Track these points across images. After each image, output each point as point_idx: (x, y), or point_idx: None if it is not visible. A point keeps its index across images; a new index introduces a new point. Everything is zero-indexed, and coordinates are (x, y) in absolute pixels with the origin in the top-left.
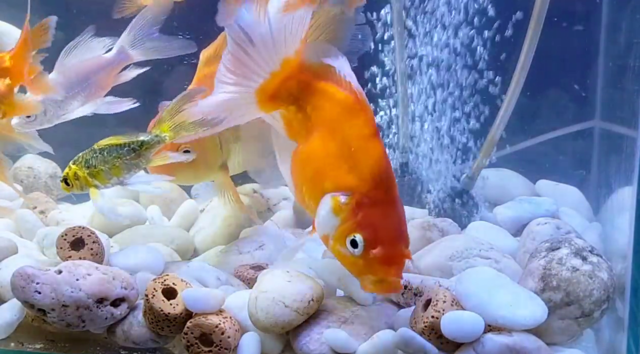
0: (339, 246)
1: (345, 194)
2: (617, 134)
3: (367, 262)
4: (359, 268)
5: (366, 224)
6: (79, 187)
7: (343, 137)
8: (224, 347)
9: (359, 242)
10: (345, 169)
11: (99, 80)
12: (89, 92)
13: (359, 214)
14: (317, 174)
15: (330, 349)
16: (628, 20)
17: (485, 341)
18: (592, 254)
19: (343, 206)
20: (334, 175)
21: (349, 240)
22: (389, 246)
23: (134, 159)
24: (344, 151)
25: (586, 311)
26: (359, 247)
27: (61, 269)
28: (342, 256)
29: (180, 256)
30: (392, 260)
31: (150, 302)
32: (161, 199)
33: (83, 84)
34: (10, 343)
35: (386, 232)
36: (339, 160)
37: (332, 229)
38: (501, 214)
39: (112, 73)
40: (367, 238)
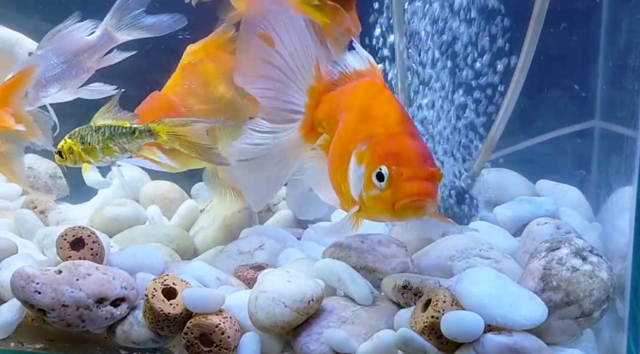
0: (370, 191)
1: (365, 144)
2: (617, 134)
3: (396, 187)
4: (390, 199)
5: (386, 154)
6: (72, 161)
7: (358, 107)
8: (224, 347)
9: (384, 172)
10: (363, 128)
11: (82, 63)
12: (70, 74)
13: (376, 149)
14: (345, 150)
15: (330, 349)
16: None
17: (485, 341)
18: (592, 254)
19: (364, 152)
20: (355, 139)
21: (375, 177)
22: (413, 165)
23: (125, 144)
24: (361, 117)
25: (586, 311)
26: (385, 178)
27: (61, 269)
28: (377, 202)
29: (180, 256)
30: (419, 176)
31: (150, 302)
32: (161, 199)
33: (64, 65)
34: (10, 343)
35: (407, 155)
36: (358, 126)
37: (360, 179)
38: (501, 214)
39: (96, 56)
40: (389, 164)
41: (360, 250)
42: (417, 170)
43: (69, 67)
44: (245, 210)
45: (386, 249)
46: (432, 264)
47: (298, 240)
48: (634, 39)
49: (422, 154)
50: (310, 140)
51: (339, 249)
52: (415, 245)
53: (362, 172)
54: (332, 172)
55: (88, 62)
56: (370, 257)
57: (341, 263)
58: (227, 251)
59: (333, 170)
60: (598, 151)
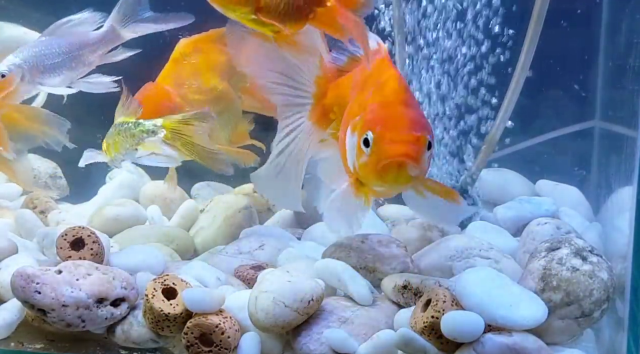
0: (361, 158)
1: (359, 115)
2: (617, 134)
3: (378, 150)
4: (374, 163)
5: (373, 120)
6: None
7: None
8: (224, 347)
9: (369, 137)
10: (362, 101)
11: (83, 56)
12: (70, 65)
13: (367, 117)
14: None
15: (330, 349)
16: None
17: (485, 341)
18: (592, 254)
19: (357, 121)
20: (356, 113)
21: (362, 143)
22: (396, 129)
23: (129, 138)
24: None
25: (586, 311)
26: (370, 142)
27: (61, 269)
28: (365, 168)
29: (180, 256)
30: (401, 140)
31: (150, 302)
32: (161, 199)
33: (65, 56)
34: (10, 343)
35: (392, 120)
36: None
37: (353, 148)
38: (501, 214)
39: (99, 51)
40: (374, 129)
41: (360, 250)
42: (399, 133)
43: (70, 58)
44: (245, 210)
45: (386, 249)
46: (432, 264)
47: (298, 240)
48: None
49: (408, 120)
50: (321, 127)
51: (339, 249)
52: (415, 245)
53: (354, 142)
54: (342, 151)
55: (90, 56)
56: (370, 257)
57: (341, 263)
58: (227, 251)
59: (343, 149)
60: (598, 151)
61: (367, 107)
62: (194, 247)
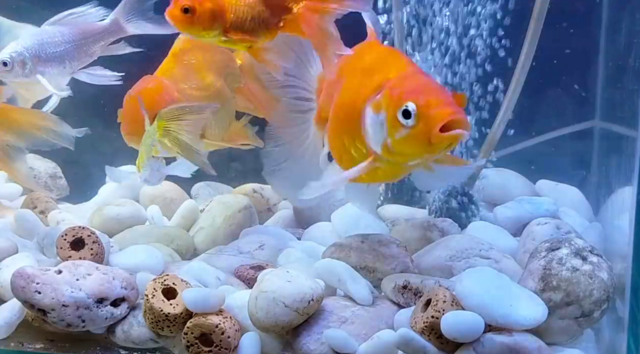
0: (397, 133)
1: (379, 93)
2: (617, 134)
3: (428, 117)
4: (423, 133)
5: (408, 91)
6: None
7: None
8: (224, 347)
9: (411, 108)
10: (371, 82)
11: (86, 47)
12: (72, 55)
13: (395, 91)
14: (350, 111)
15: (330, 349)
16: (628, 20)
17: (485, 341)
18: (592, 254)
19: (380, 99)
20: (364, 94)
21: (400, 115)
22: (438, 95)
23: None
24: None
25: (586, 311)
26: (412, 113)
27: (61, 269)
28: (408, 141)
29: (180, 256)
30: (447, 103)
31: (150, 302)
32: (161, 199)
33: (68, 45)
34: (10, 343)
35: (429, 88)
36: (362, 83)
37: (381, 126)
38: (501, 214)
39: (101, 42)
40: (414, 99)
41: (360, 250)
42: (443, 98)
43: (72, 48)
44: (245, 210)
45: (386, 249)
46: (432, 264)
47: (298, 240)
48: (634, 39)
49: (440, 86)
50: (319, 127)
51: (339, 249)
52: (415, 245)
53: (382, 119)
54: (336, 139)
55: (92, 47)
56: (370, 257)
57: (341, 263)
58: (227, 251)
59: (336, 137)
60: (598, 151)
61: (387, 83)
62: (194, 247)
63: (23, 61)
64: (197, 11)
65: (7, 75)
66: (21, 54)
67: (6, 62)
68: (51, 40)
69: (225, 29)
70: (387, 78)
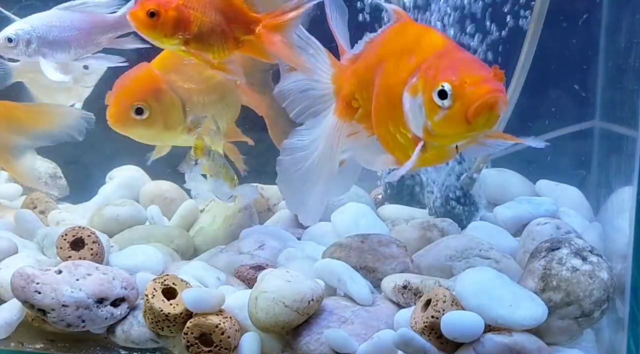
0: (436, 116)
1: (415, 75)
2: (617, 134)
3: (464, 96)
4: (460, 113)
5: (442, 71)
6: None
7: (394, 50)
8: (224, 347)
9: (446, 88)
10: (407, 64)
11: (94, 36)
12: (78, 42)
13: (430, 72)
14: (391, 96)
15: (330, 349)
16: (628, 20)
17: (485, 341)
18: (592, 254)
19: (416, 82)
20: (402, 78)
21: (436, 96)
22: (473, 71)
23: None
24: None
25: (586, 311)
26: (448, 93)
27: (61, 269)
28: (446, 122)
29: (180, 256)
30: (483, 79)
31: (150, 302)
32: (161, 199)
33: (76, 31)
34: (10, 343)
35: (464, 64)
36: (400, 66)
37: (420, 110)
38: (501, 214)
39: (109, 34)
40: (449, 78)
41: (360, 250)
42: (479, 73)
43: (80, 35)
44: (245, 210)
45: (386, 249)
46: (432, 264)
47: (298, 240)
48: (634, 39)
49: (477, 61)
50: (347, 118)
51: (339, 249)
52: (415, 245)
53: (420, 102)
54: (381, 127)
55: (100, 37)
56: (370, 257)
57: (341, 263)
58: (227, 251)
59: (381, 124)
60: (598, 151)
61: (422, 64)
62: (194, 247)
63: (29, 40)
64: (161, 17)
65: (9, 52)
66: (28, 33)
67: (11, 39)
68: (60, 24)
69: (187, 40)
70: (423, 58)
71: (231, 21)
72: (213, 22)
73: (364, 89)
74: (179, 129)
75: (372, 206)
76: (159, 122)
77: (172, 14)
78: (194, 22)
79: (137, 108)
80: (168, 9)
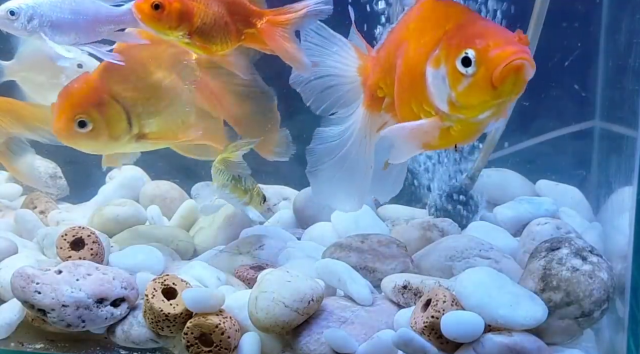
0: (459, 85)
1: (437, 48)
2: (617, 134)
3: (489, 60)
4: (485, 78)
5: (464, 39)
6: None
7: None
8: (224, 347)
9: (470, 55)
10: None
11: (95, 25)
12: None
13: (453, 41)
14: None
15: (330, 349)
16: (628, 20)
17: (485, 341)
18: (592, 254)
19: (438, 54)
20: (425, 53)
21: (459, 64)
22: (497, 36)
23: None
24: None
25: (586, 311)
26: (472, 59)
27: (61, 269)
28: (471, 91)
29: (180, 256)
30: (507, 42)
31: (150, 302)
32: (161, 199)
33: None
34: (10, 343)
35: (486, 30)
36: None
37: (443, 81)
38: (501, 214)
39: (109, 26)
40: (472, 45)
41: (360, 250)
42: (504, 38)
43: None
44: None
45: (386, 249)
46: (432, 264)
47: (298, 240)
48: (634, 39)
49: (499, 27)
50: (375, 109)
51: (339, 249)
52: (415, 245)
53: (443, 74)
54: (404, 108)
55: (101, 27)
56: (370, 257)
57: (341, 263)
58: (227, 251)
59: (405, 106)
60: (598, 151)
61: (443, 36)
62: (194, 247)
63: (31, 16)
64: (165, 9)
65: (10, 25)
66: (32, 8)
67: (14, 12)
68: (65, 7)
69: (190, 32)
70: (444, 31)
71: (234, 14)
72: (216, 15)
73: (387, 76)
74: (125, 139)
75: (372, 206)
76: (104, 134)
77: (176, 6)
78: (197, 15)
79: (80, 121)
80: (172, 1)
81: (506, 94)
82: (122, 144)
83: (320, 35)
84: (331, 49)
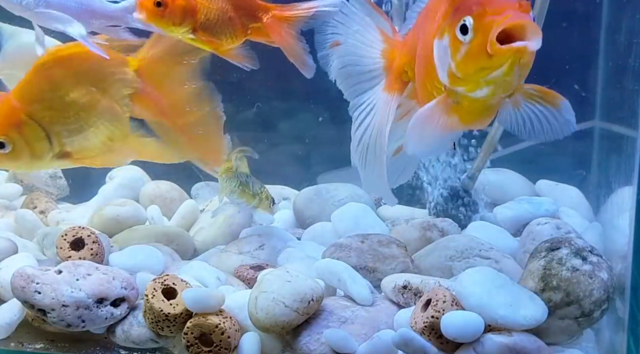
0: (458, 53)
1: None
2: (617, 134)
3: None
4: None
5: (463, 7)
6: None
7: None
8: (224, 347)
9: (467, 22)
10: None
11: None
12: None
13: (457, 10)
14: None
15: (330, 349)
16: (628, 20)
17: (485, 341)
18: (592, 254)
19: (443, 23)
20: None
21: (459, 32)
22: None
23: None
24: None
25: (586, 311)
26: (469, 26)
27: (61, 269)
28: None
29: (180, 256)
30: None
31: (150, 302)
32: (161, 199)
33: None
34: (10, 343)
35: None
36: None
37: (445, 51)
38: (501, 214)
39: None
40: (469, 12)
41: (360, 250)
42: (503, 4)
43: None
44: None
45: (386, 249)
46: (432, 264)
47: (298, 240)
48: (634, 39)
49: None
50: (397, 91)
51: (339, 249)
52: (415, 245)
53: (445, 43)
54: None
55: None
56: (370, 257)
57: (341, 263)
58: (227, 251)
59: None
60: (598, 151)
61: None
62: (194, 247)
63: None
64: (168, 6)
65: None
66: None
67: None
68: None
69: (195, 28)
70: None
71: (239, 8)
72: (220, 10)
73: (413, 60)
74: (48, 157)
75: (372, 206)
76: (25, 154)
77: (179, 2)
78: (201, 10)
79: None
80: None
81: (502, 62)
82: (47, 162)
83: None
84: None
